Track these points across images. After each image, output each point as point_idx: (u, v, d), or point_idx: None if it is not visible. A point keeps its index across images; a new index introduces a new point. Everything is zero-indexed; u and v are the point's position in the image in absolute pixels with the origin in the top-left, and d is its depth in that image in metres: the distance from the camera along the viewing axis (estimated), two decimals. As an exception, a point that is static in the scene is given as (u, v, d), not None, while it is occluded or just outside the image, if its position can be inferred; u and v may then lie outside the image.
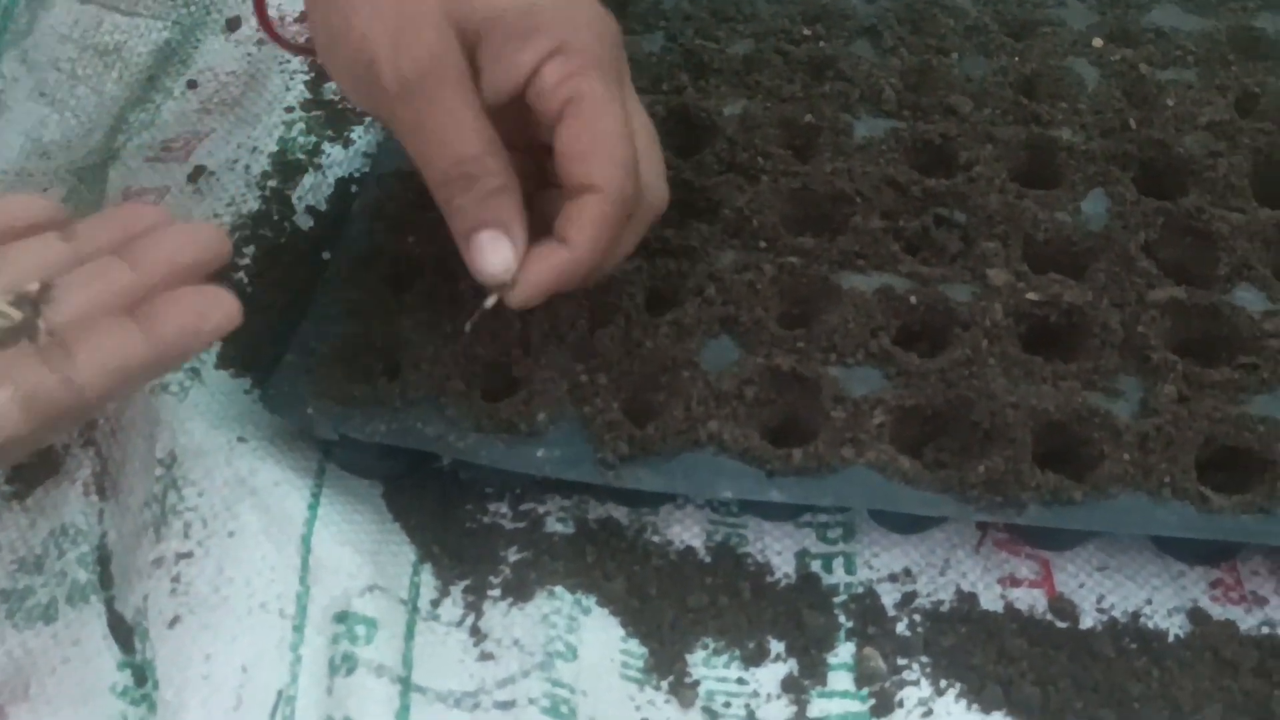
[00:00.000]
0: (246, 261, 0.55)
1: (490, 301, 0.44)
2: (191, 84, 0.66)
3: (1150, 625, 0.45)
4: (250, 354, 0.51)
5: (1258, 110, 0.59)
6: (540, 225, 0.43)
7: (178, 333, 0.36)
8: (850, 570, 0.47)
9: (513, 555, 0.47)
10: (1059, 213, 0.54)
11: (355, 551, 0.45)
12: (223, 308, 0.36)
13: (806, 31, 0.64)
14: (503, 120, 0.44)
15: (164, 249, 0.37)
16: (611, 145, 0.42)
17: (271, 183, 0.59)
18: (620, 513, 0.49)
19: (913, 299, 0.50)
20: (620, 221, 0.43)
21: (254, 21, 0.68)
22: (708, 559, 0.47)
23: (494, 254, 0.43)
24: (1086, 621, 0.45)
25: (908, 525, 0.47)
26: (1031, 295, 0.50)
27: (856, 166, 0.55)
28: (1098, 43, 0.63)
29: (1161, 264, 0.52)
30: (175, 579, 0.43)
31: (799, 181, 0.55)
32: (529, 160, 0.46)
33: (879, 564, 0.47)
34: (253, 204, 0.58)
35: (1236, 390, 0.47)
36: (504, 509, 0.49)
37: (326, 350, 0.48)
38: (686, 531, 0.48)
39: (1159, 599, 0.46)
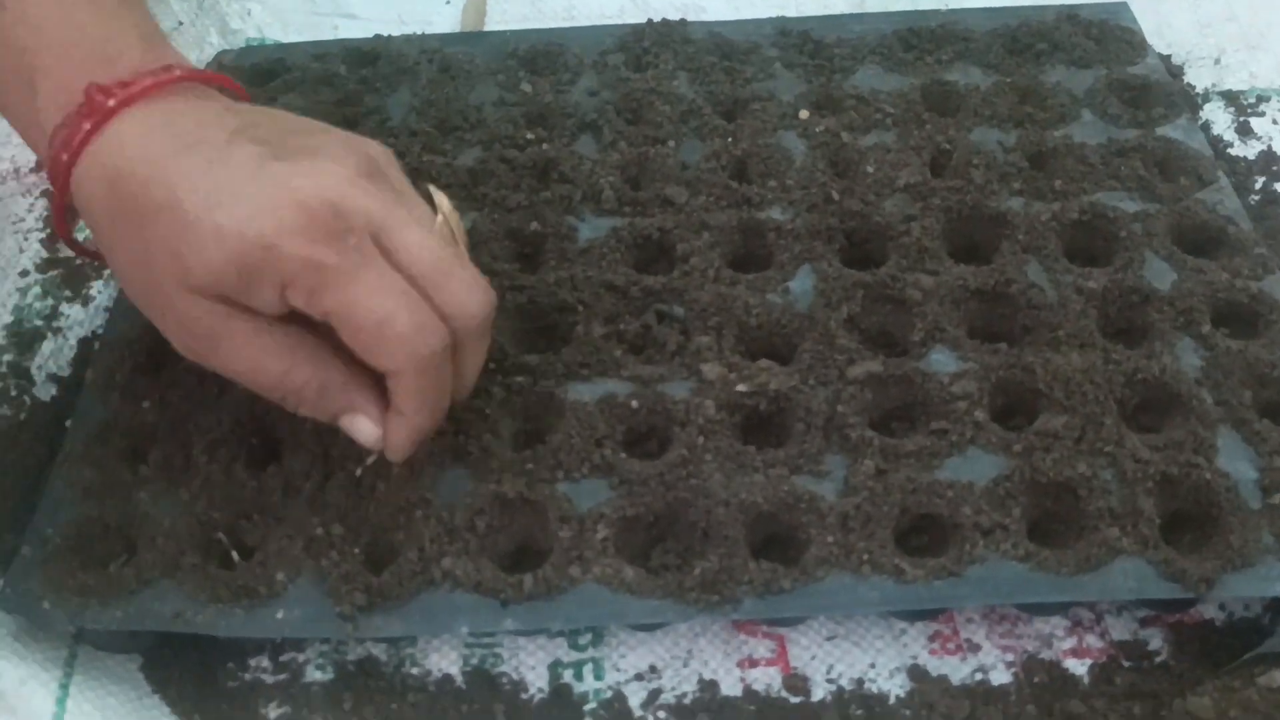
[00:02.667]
0: (-16, 446, 0.55)
1: (371, 459, 0.49)
2: (-76, 254, 0.65)
3: (874, 689, 0.48)
4: (-7, 545, 0.51)
5: (949, 167, 0.63)
6: None
7: None
8: (599, 676, 0.49)
9: (273, 711, 0.48)
10: (770, 294, 0.57)
11: (107, 740, 0.46)
12: None
13: (530, 135, 0.66)
14: None
15: None
16: (382, 335, 0.43)
17: (7, 357, 0.58)
18: (379, 649, 0.50)
19: (634, 403, 0.53)
20: (432, 381, 0.45)
21: (-14, 179, 0.68)
22: (464, 685, 0.49)
23: (357, 432, 0.47)
24: (818, 693, 0.48)
25: (651, 624, 0.50)
26: (741, 387, 0.53)
27: (579, 273, 0.58)
28: (804, 114, 0.67)
29: (866, 334, 0.56)
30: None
31: (525, 296, 0.57)
32: None
33: (626, 664, 0.50)
34: (-12, 383, 0.58)
35: (930, 457, 0.50)
36: (264, 662, 0.50)
37: (60, 539, 0.49)
38: (444, 659, 0.50)
39: (882, 661, 0.49)
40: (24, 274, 0.63)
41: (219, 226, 0.42)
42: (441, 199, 0.49)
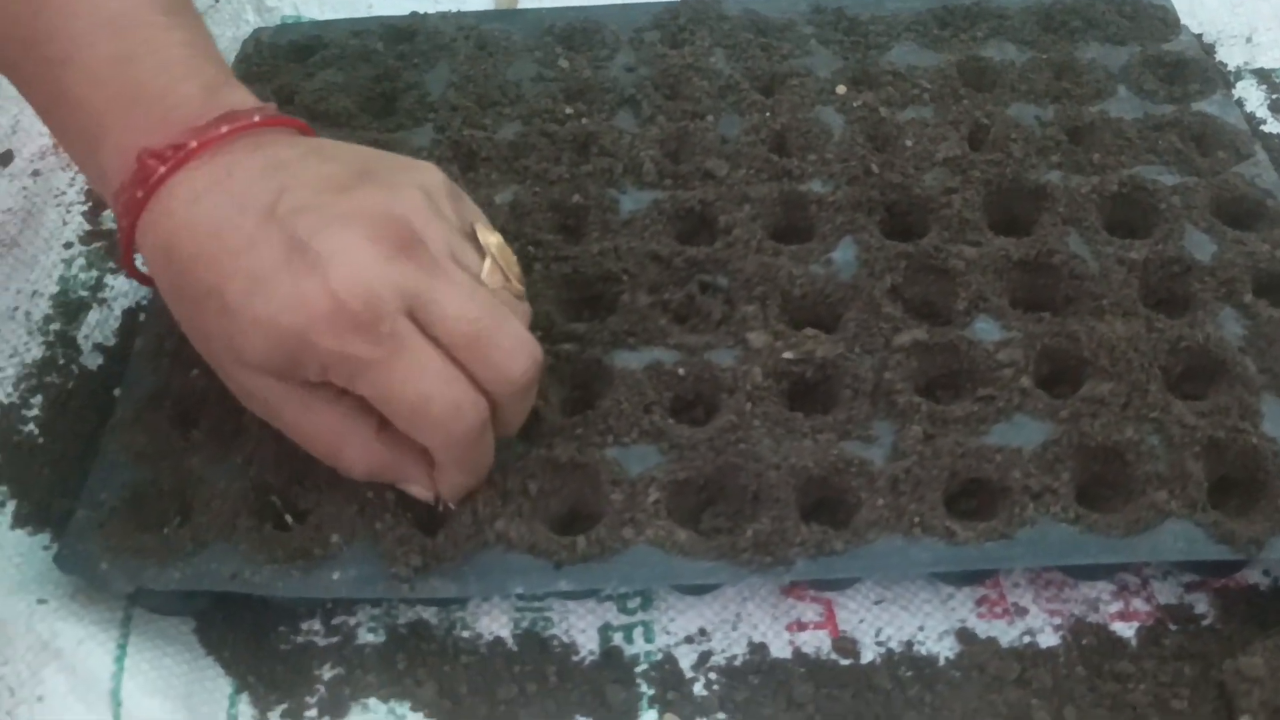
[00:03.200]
0: (35, 412, 0.56)
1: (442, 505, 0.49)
2: (-33, 227, 0.65)
3: (923, 651, 0.49)
4: (45, 509, 0.52)
5: (988, 141, 0.63)
6: None
7: None
8: (650, 638, 0.50)
9: (327, 673, 0.49)
10: (813, 265, 0.57)
11: (165, 699, 0.46)
12: None
13: (569, 110, 0.66)
14: None
15: None
16: (417, 418, 0.44)
17: (54, 326, 0.59)
18: (430, 613, 0.51)
19: (681, 371, 0.53)
20: (470, 452, 0.46)
21: (27, 153, 0.68)
22: (515, 648, 0.49)
23: (411, 493, 0.48)
24: (867, 656, 0.49)
25: (700, 587, 0.50)
26: (787, 355, 0.53)
27: (623, 244, 0.58)
28: (841, 89, 0.67)
29: (909, 304, 0.56)
30: (-14, 754, 0.44)
31: (569, 266, 0.58)
32: None
33: (676, 628, 0.50)
34: (36, 351, 0.58)
35: (977, 423, 0.51)
36: (316, 625, 0.50)
37: (115, 502, 0.49)
38: (494, 622, 0.50)
39: (930, 624, 0.50)
40: (68, 245, 0.63)
41: (257, 317, 0.42)
42: (489, 237, 0.47)
